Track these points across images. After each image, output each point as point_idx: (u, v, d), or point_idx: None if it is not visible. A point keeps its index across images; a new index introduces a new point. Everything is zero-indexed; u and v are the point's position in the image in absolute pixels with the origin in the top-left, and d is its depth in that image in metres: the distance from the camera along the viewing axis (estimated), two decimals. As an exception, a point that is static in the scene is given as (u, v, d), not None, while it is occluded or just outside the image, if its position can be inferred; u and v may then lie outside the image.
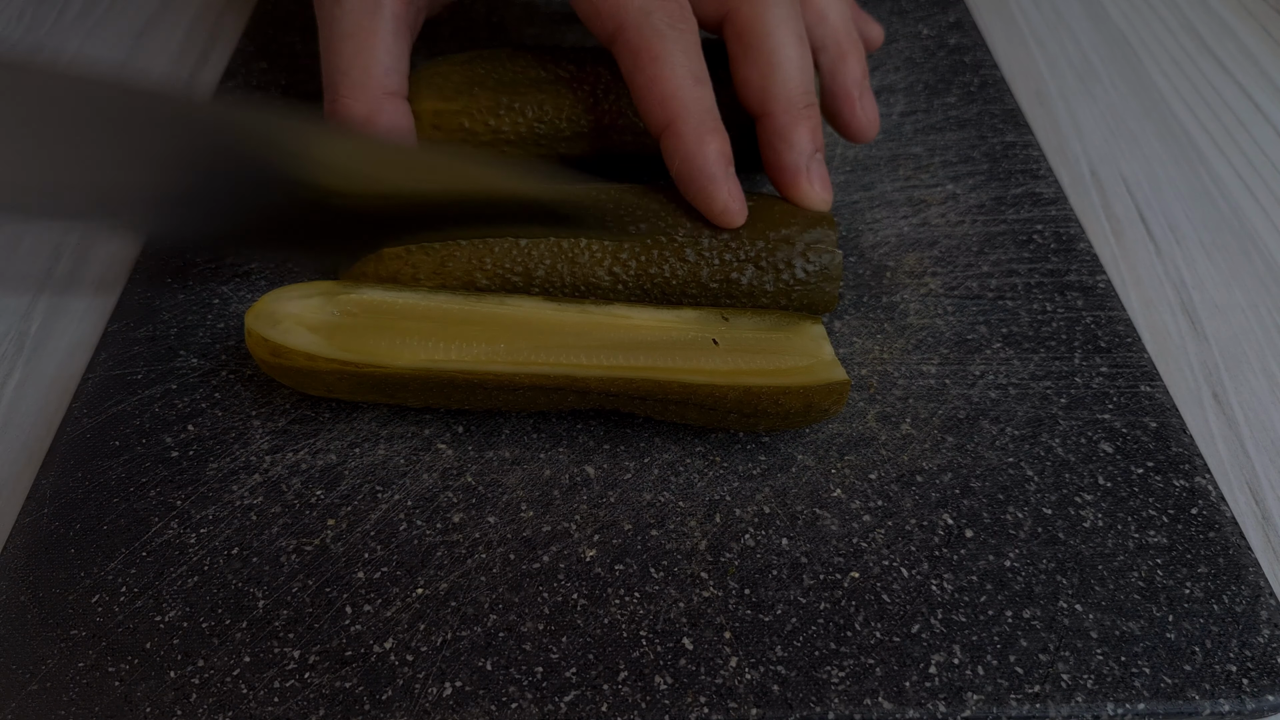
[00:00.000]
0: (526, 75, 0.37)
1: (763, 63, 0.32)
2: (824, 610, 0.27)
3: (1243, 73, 0.50)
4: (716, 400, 0.29)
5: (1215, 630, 0.26)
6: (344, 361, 0.28)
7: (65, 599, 0.27)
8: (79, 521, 0.28)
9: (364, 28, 0.33)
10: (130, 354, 0.33)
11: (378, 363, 0.28)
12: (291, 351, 0.28)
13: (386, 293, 0.30)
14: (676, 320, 0.30)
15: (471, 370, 0.28)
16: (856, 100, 0.35)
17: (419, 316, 0.30)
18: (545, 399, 0.29)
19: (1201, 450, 0.31)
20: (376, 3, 0.34)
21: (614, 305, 0.31)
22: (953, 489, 0.30)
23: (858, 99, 0.36)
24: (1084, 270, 0.36)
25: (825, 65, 0.35)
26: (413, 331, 0.29)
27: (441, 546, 0.28)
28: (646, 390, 0.28)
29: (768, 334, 0.30)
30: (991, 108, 0.44)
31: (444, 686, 0.25)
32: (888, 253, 0.37)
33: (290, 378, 0.29)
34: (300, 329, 0.29)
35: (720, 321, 0.30)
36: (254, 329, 0.29)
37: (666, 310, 0.31)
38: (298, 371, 0.29)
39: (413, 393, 0.29)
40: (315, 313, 0.29)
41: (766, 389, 0.28)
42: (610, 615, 0.27)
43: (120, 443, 0.30)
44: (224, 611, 0.27)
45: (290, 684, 0.25)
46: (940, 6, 0.51)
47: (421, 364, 0.28)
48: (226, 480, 0.30)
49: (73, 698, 0.25)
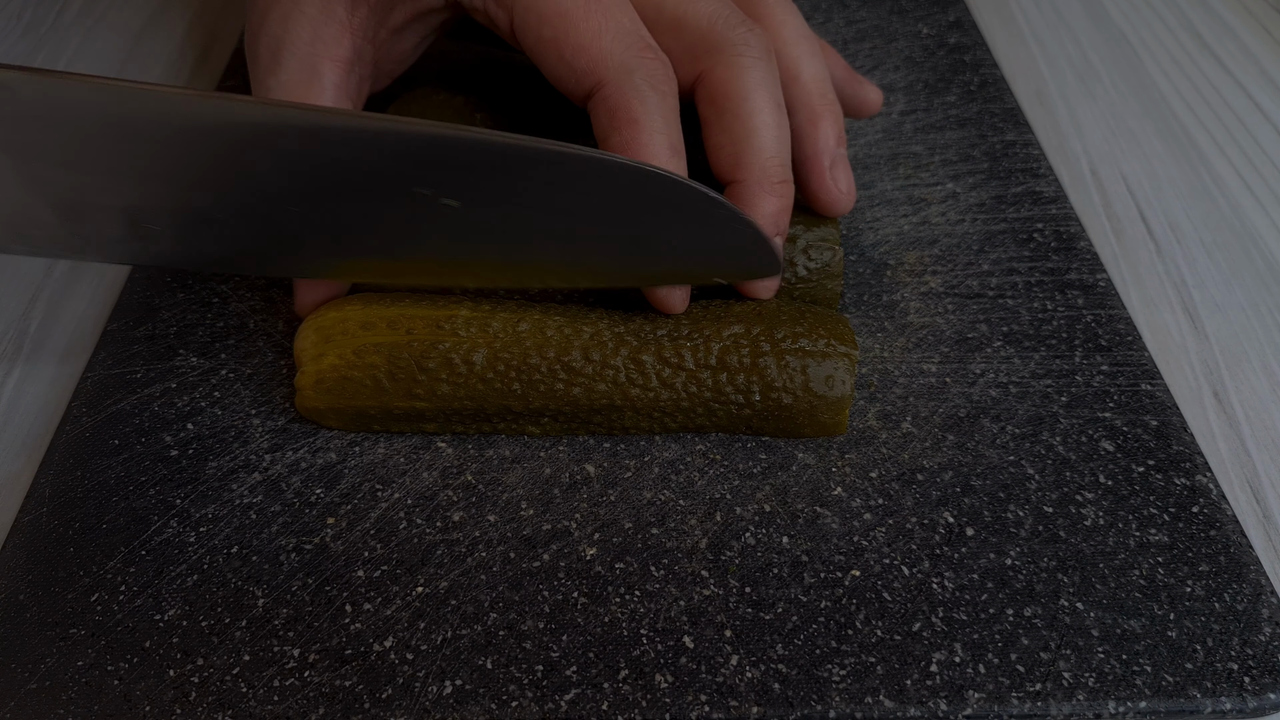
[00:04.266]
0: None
1: (737, 129, 0.30)
2: (825, 608, 0.27)
3: (1243, 72, 0.50)
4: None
5: (1217, 628, 0.26)
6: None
7: (64, 597, 0.27)
8: (78, 520, 0.28)
9: (301, 98, 0.31)
10: (130, 353, 0.33)
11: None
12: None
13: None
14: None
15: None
16: (826, 169, 0.32)
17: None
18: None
19: (1202, 449, 0.31)
20: (314, 72, 0.32)
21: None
22: (953, 487, 0.30)
23: (827, 167, 0.32)
24: (1084, 269, 0.36)
25: (795, 129, 0.32)
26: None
27: (441, 545, 0.28)
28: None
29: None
30: (991, 106, 0.44)
31: (444, 685, 0.25)
32: (888, 251, 0.37)
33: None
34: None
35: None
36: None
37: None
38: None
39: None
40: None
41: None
42: (611, 613, 0.26)
43: (120, 441, 0.30)
44: (223, 610, 0.26)
45: (290, 682, 0.25)
46: (940, 6, 0.51)
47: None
48: (226, 479, 0.30)
49: (72, 696, 0.25)
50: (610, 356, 0.29)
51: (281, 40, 0.32)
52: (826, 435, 0.31)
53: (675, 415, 0.30)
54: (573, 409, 0.29)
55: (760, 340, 0.29)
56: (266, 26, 0.32)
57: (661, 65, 0.30)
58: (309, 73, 0.31)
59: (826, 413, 0.30)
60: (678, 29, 0.31)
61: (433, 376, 0.29)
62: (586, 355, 0.29)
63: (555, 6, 0.30)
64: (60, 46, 0.51)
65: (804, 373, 0.29)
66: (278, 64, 0.32)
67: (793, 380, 0.29)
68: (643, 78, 0.29)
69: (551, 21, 0.30)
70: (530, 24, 0.30)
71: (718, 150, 0.31)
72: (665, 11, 0.31)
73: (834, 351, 0.29)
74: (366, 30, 0.33)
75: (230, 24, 0.52)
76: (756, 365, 0.29)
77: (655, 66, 0.29)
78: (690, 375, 0.29)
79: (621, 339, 0.29)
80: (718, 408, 0.30)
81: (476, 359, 0.29)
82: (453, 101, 0.36)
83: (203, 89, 0.45)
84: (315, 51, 0.32)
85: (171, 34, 0.52)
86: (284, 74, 0.32)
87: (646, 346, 0.29)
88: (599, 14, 0.30)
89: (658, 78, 0.29)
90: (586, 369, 0.29)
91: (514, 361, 0.29)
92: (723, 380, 0.29)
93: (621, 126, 0.29)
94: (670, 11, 0.31)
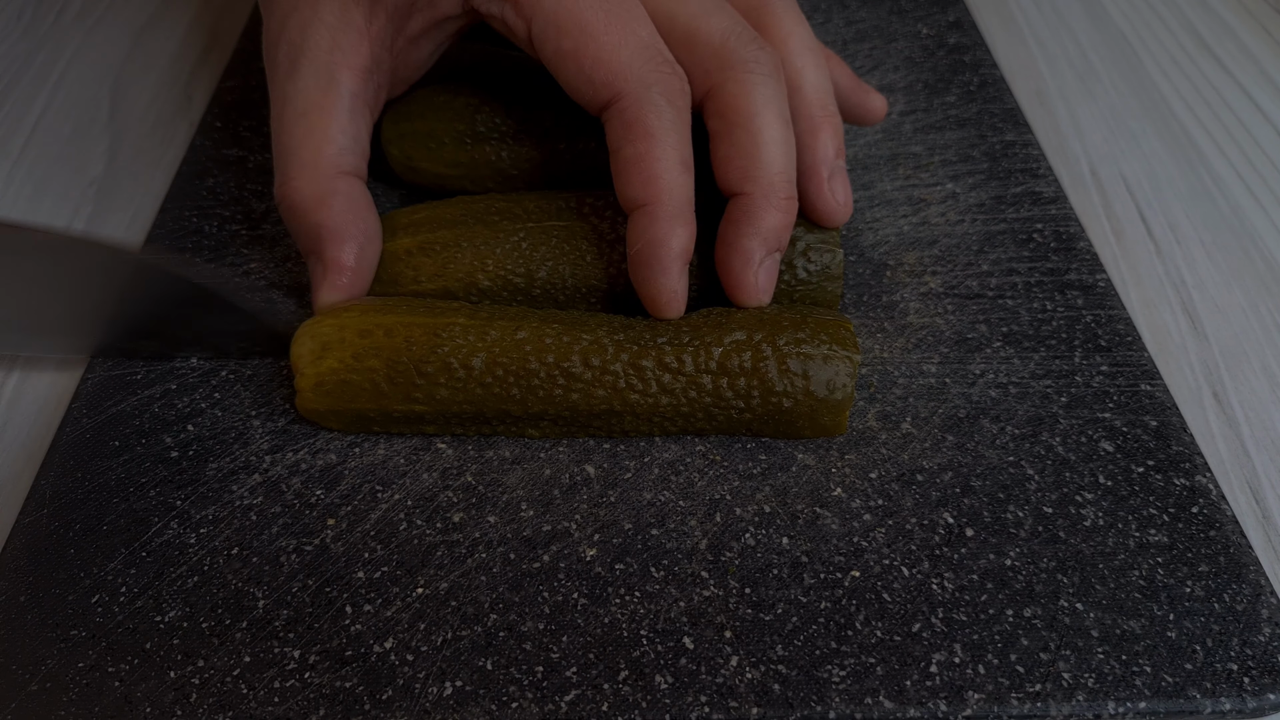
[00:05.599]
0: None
1: (746, 143, 0.30)
2: (824, 609, 0.27)
3: (1243, 73, 0.50)
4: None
5: (1216, 629, 0.26)
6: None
7: (65, 599, 0.27)
8: (79, 522, 0.28)
9: (318, 105, 0.32)
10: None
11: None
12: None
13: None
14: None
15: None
16: (825, 179, 0.32)
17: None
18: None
19: (1202, 449, 0.31)
20: (332, 79, 0.32)
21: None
22: (953, 488, 0.30)
23: (826, 178, 0.32)
24: (1084, 269, 0.36)
25: (796, 138, 0.32)
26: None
27: (441, 546, 0.28)
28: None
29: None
30: (991, 107, 0.44)
31: (444, 686, 0.25)
32: (888, 252, 0.37)
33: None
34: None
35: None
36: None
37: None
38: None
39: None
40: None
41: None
42: (611, 614, 0.27)
43: (120, 443, 0.30)
44: (224, 611, 0.26)
45: (290, 684, 0.25)
46: (940, 6, 0.51)
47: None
48: (226, 480, 0.30)
49: (72, 698, 0.25)
50: (610, 362, 0.29)
51: (300, 47, 0.32)
52: (826, 436, 0.31)
53: (675, 420, 0.30)
54: (572, 413, 0.29)
55: (762, 345, 0.29)
56: (286, 34, 0.32)
57: (678, 80, 0.30)
58: (326, 80, 0.32)
59: (827, 415, 0.30)
60: (691, 44, 0.31)
61: (431, 381, 0.29)
62: (586, 361, 0.29)
63: (575, 19, 0.30)
64: (60, 46, 0.51)
65: (805, 376, 0.29)
66: (296, 71, 0.32)
67: (793, 384, 0.29)
68: (660, 92, 0.29)
69: (571, 33, 0.30)
70: (549, 35, 0.30)
71: (725, 163, 0.31)
72: (679, 25, 0.31)
73: (835, 355, 0.29)
74: (384, 38, 0.33)
75: (230, 24, 0.52)
76: (757, 370, 0.29)
77: (672, 81, 0.30)
78: (690, 380, 0.29)
79: (621, 345, 0.29)
80: (717, 412, 0.30)
81: (475, 364, 0.29)
82: (454, 103, 0.36)
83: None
84: (334, 60, 0.32)
85: (171, 34, 0.52)
86: (301, 81, 0.32)
87: (646, 352, 0.29)
88: (619, 28, 0.30)
89: (674, 92, 0.30)
90: (585, 374, 0.29)
91: (512, 367, 0.29)
92: (723, 385, 0.29)
93: (637, 139, 0.29)
94: (684, 26, 0.31)
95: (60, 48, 0.51)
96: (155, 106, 0.47)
